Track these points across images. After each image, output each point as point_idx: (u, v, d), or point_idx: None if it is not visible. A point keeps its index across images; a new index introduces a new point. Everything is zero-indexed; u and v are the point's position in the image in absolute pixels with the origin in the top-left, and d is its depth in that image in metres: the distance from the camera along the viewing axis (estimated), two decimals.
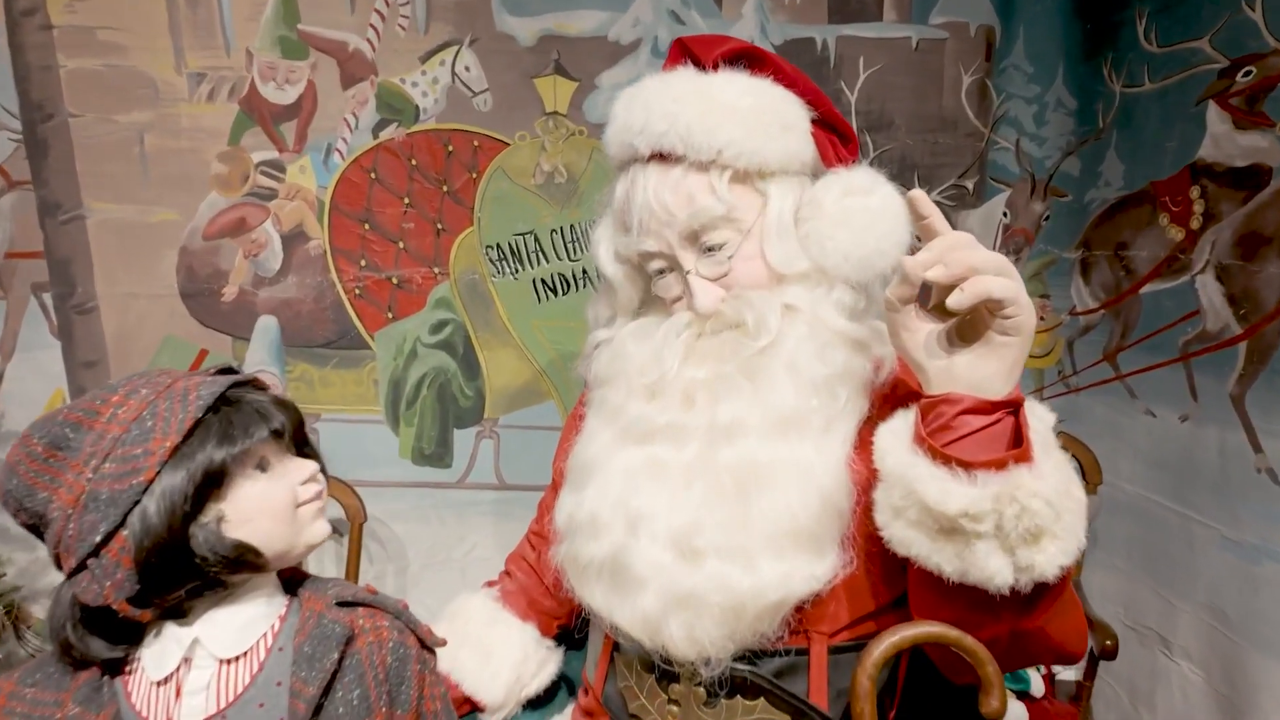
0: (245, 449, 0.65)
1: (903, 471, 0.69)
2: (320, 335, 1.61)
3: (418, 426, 1.66)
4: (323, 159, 1.56)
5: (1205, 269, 1.38)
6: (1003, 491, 0.64)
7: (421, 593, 1.72)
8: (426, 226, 1.61)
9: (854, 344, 0.82)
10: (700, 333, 0.86)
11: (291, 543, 0.70)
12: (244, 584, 0.69)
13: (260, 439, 0.66)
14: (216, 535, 0.64)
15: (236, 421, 0.65)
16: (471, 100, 1.58)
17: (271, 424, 0.67)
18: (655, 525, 0.78)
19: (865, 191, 0.81)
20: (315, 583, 0.75)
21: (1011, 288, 0.65)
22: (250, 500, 0.66)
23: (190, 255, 1.55)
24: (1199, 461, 1.40)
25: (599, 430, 0.89)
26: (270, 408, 0.68)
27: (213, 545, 0.64)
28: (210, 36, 1.49)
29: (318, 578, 0.77)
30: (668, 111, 0.82)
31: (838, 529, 0.77)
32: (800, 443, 0.78)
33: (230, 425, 0.65)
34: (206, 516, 0.64)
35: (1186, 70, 1.41)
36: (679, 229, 0.84)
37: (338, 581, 0.76)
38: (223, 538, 0.65)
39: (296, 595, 0.74)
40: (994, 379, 0.68)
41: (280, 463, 0.70)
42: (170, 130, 1.50)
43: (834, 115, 0.86)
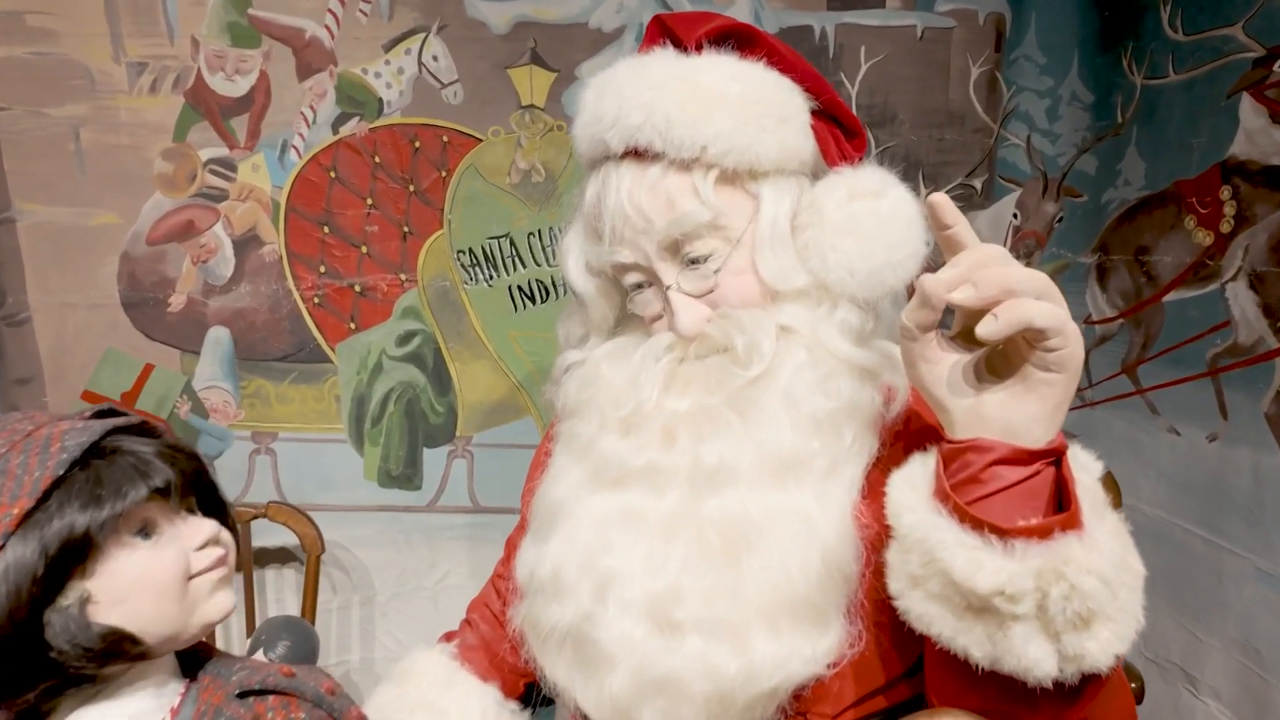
0: (117, 512, 0.53)
1: (923, 534, 0.57)
2: (277, 348, 1.49)
3: (384, 446, 1.54)
4: (278, 156, 1.44)
5: (1237, 276, 1.27)
6: (1047, 567, 0.52)
7: (390, 624, 1.61)
8: (392, 230, 1.48)
9: (861, 372, 0.70)
10: (683, 357, 0.75)
11: (182, 623, 0.57)
12: (123, 674, 0.57)
13: (137, 500, 0.54)
14: (79, 622, 0.52)
15: (108, 479, 0.53)
16: (440, 92, 1.46)
17: (152, 481, 0.55)
18: (628, 591, 0.66)
19: (874, 194, 0.69)
20: (219, 664, 0.63)
21: (1056, 314, 0.53)
22: (126, 575, 0.54)
23: (133, 261, 1.43)
24: (1230, 485, 1.29)
25: (567, 469, 0.78)
26: (153, 460, 0.56)
27: (73, 635, 0.52)
28: (151, 22, 1.36)
29: (224, 656, 0.65)
30: (643, 101, 0.71)
31: (843, 596, 0.65)
32: (799, 491, 0.66)
33: (99, 484, 0.53)
34: (67, 599, 0.52)
35: (1217, 60, 1.29)
36: (657, 238, 0.72)
37: (246, 663, 0.64)
38: (87, 625, 0.52)
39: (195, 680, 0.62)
40: (1032, 423, 0.56)
41: (170, 525, 0.58)
42: (108, 125, 1.38)
43: (837, 105, 0.74)
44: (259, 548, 1.51)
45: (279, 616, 1.34)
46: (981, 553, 0.54)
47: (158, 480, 0.55)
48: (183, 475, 0.58)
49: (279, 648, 1.26)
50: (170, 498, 0.57)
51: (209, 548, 0.59)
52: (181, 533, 0.58)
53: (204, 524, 0.60)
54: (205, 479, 0.62)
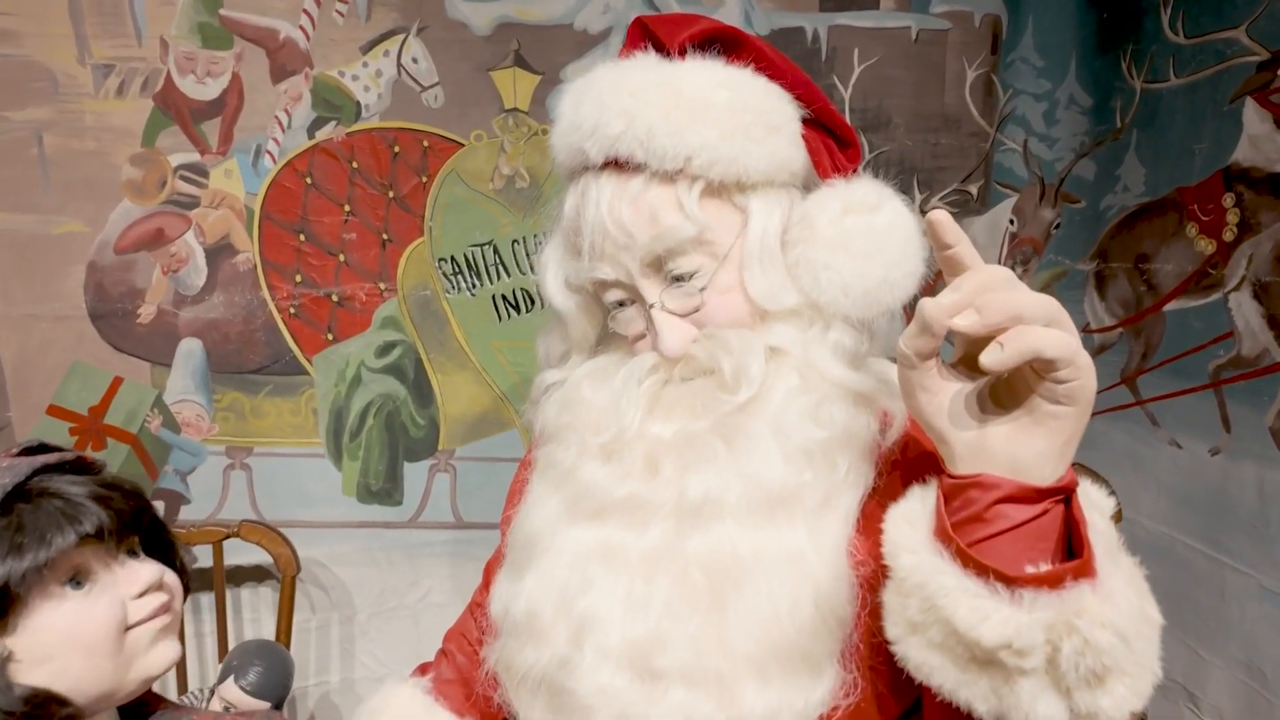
0: (41, 562, 0.48)
1: (923, 578, 0.52)
2: (251, 360, 1.44)
3: (363, 460, 1.49)
4: (251, 162, 1.39)
5: (1241, 286, 1.23)
6: (1058, 619, 0.48)
7: (370, 644, 1.56)
8: (370, 237, 1.44)
9: (855, 397, 0.66)
10: (667, 379, 0.70)
11: (118, 680, 0.53)
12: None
13: (64, 548, 0.49)
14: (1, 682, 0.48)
15: (31, 525, 0.49)
16: (420, 96, 1.41)
17: (81, 526, 0.50)
18: (606, 636, 0.62)
19: (870, 209, 0.65)
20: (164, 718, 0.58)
21: (1067, 343, 0.49)
22: (53, 630, 0.50)
23: (100, 271, 1.38)
24: (1233, 501, 1.25)
25: (544, 498, 0.73)
26: (84, 503, 0.51)
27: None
28: (118, 23, 1.31)
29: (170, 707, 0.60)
30: (624, 109, 0.66)
31: (837, 642, 0.61)
32: (790, 528, 0.62)
33: (20, 531, 0.48)
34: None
35: (1220, 64, 1.26)
36: (640, 254, 0.68)
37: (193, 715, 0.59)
38: (9, 686, 0.48)
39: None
40: (1041, 459, 0.52)
41: (105, 572, 0.53)
42: (73, 129, 1.32)
43: (830, 114, 0.70)
44: (234, 565, 1.46)
45: (251, 641, 1.29)
46: (986, 601, 0.50)
47: (88, 525, 0.51)
48: (119, 516, 0.54)
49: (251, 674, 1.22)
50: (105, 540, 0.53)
51: (150, 594, 0.55)
52: (118, 579, 0.54)
53: (144, 569, 0.55)
54: (148, 517, 0.57)
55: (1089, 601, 0.48)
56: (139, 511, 0.56)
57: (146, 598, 0.54)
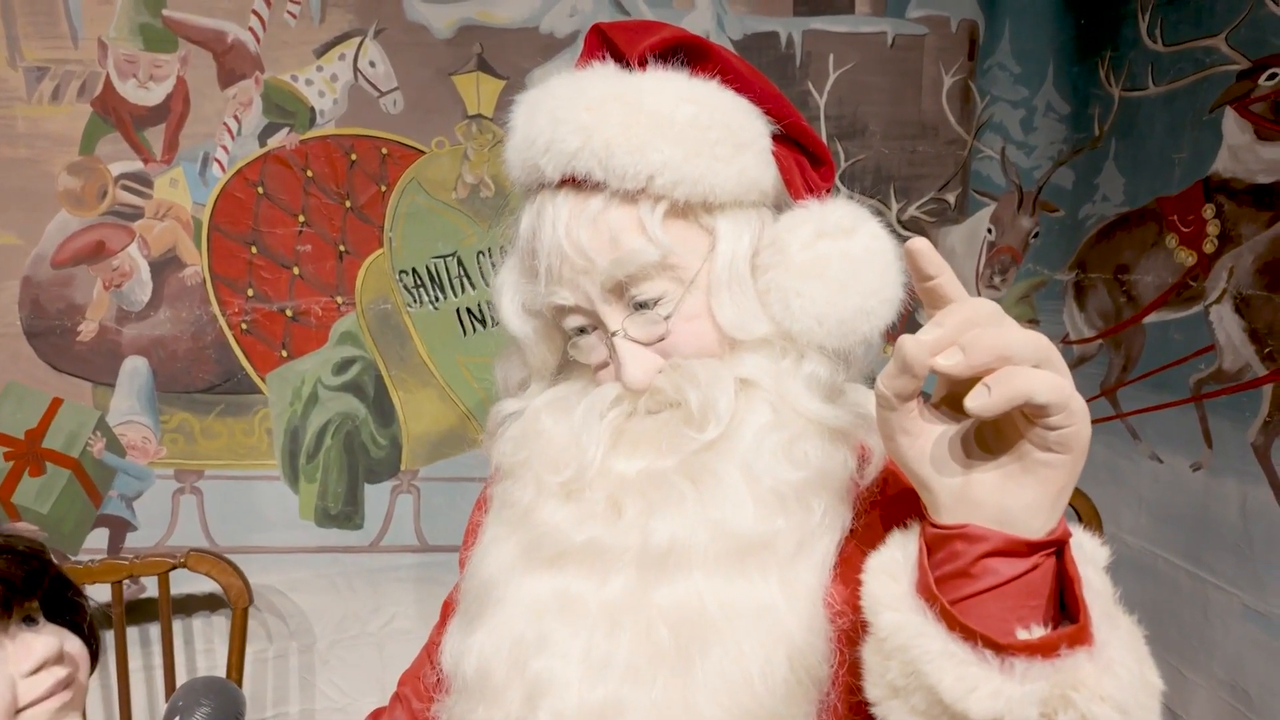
0: None
1: (905, 640, 0.48)
2: (201, 378, 1.37)
3: (321, 482, 1.42)
4: (198, 171, 1.32)
5: (1222, 299, 1.21)
6: (1053, 693, 0.44)
7: (332, 673, 1.49)
8: (327, 249, 1.37)
9: (832, 433, 0.62)
10: (631, 411, 0.66)
11: None
12: None
13: None
14: None
15: None
16: (378, 101, 1.35)
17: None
18: (563, 700, 0.57)
19: (844, 233, 0.60)
20: None
21: (1060, 387, 0.45)
22: None
23: (36, 286, 1.30)
24: (1215, 518, 1.23)
25: (499, 540, 0.68)
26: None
27: None
28: (51, 23, 1.24)
29: None
30: (580, 123, 0.61)
31: (813, 703, 0.56)
32: (762, 580, 0.57)
33: None
34: None
35: (1199, 72, 1.23)
36: (600, 279, 0.63)
37: None
38: None
39: None
40: (1031, 511, 0.48)
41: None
42: (4, 136, 1.25)
43: (802, 129, 0.65)
44: (186, 594, 1.39)
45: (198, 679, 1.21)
46: (974, 669, 0.45)
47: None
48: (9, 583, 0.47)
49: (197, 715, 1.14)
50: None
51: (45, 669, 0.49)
52: (7, 655, 0.48)
53: (38, 641, 0.49)
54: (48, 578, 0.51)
55: (1086, 672, 0.44)
56: (33, 575, 0.50)
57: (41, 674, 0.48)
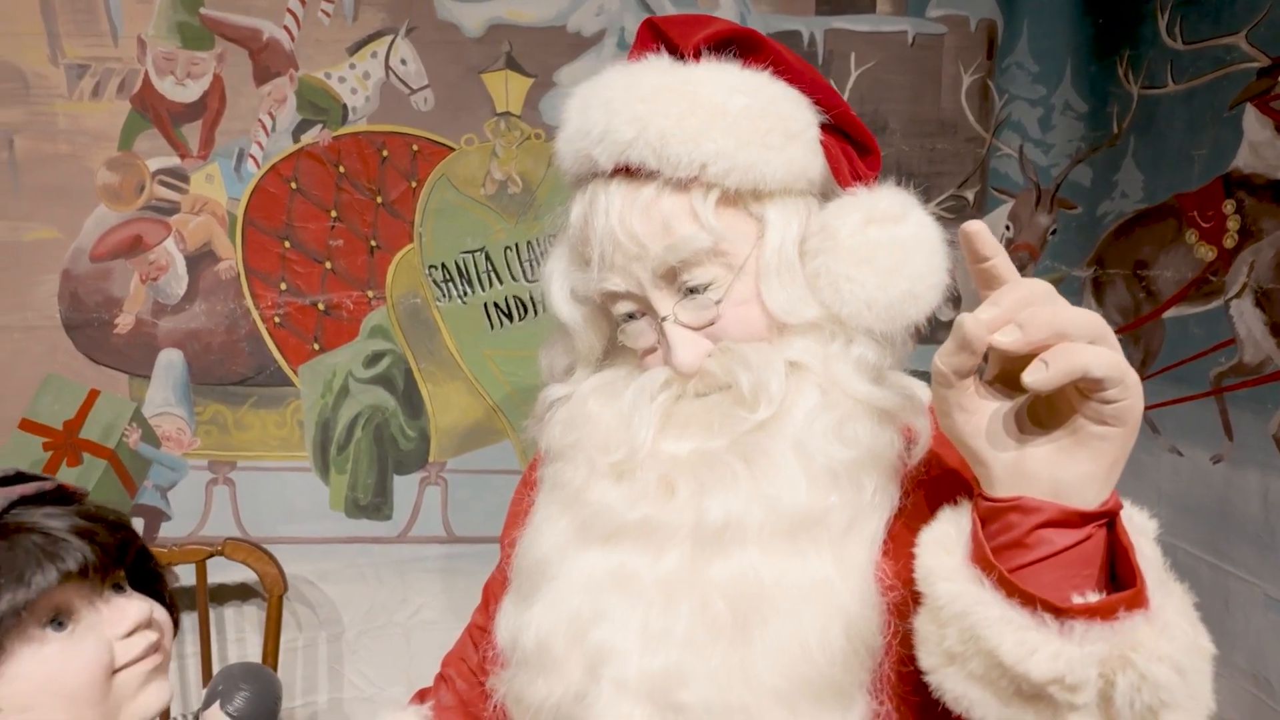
0: (19, 605, 0.44)
1: (962, 608, 0.50)
2: (235, 371, 1.39)
3: (351, 474, 1.44)
4: (234, 166, 1.34)
5: (1242, 293, 1.23)
6: (1112, 653, 0.46)
7: (360, 663, 1.51)
8: (358, 244, 1.39)
9: (880, 415, 0.64)
10: (680, 394, 0.68)
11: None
12: None
13: (44, 587, 0.45)
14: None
15: (7, 564, 0.45)
16: (409, 98, 1.37)
17: (64, 563, 0.46)
18: (624, 668, 0.59)
19: (894, 219, 0.63)
20: None
21: (1115, 362, 0.47)
22: (33, 677, 0.46)
23: (75, 280, 1.32)
24: (1236, 509, 1.25)
25: (552, 520, 0.70)
26: (66, 538, 0.47)
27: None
28: (93, 21, 1.26)
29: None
30: (635, 114, 0.63)
31: (867, 672, 0.58)
32: (815, 554, 0.59)
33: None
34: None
35: (1219, 70, 1.25)
36: (652, 265, 0.65)
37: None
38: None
39: None
40: (1085, 482, 0.50)
41: (90, 612, 0.49)
42: (46, 132, 1.27)
43: (850, 119, 0.68)
44: (217, 584, 1.41)
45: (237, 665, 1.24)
46: (1033, 633, 0.47)
47: (70, 562, 0.47)
48: (103, 551, 0.50)
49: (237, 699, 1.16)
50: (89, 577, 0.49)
51: (138, 633, 0.51)
52: (103, 619, 0.50)
53: (131, 606, 0.51)
54: (134, 548, 0.53)
55: (1144, 634, 0.46)
56: (124, 544, 0.52)
57: (134, 637, 0.50)
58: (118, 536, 0.51)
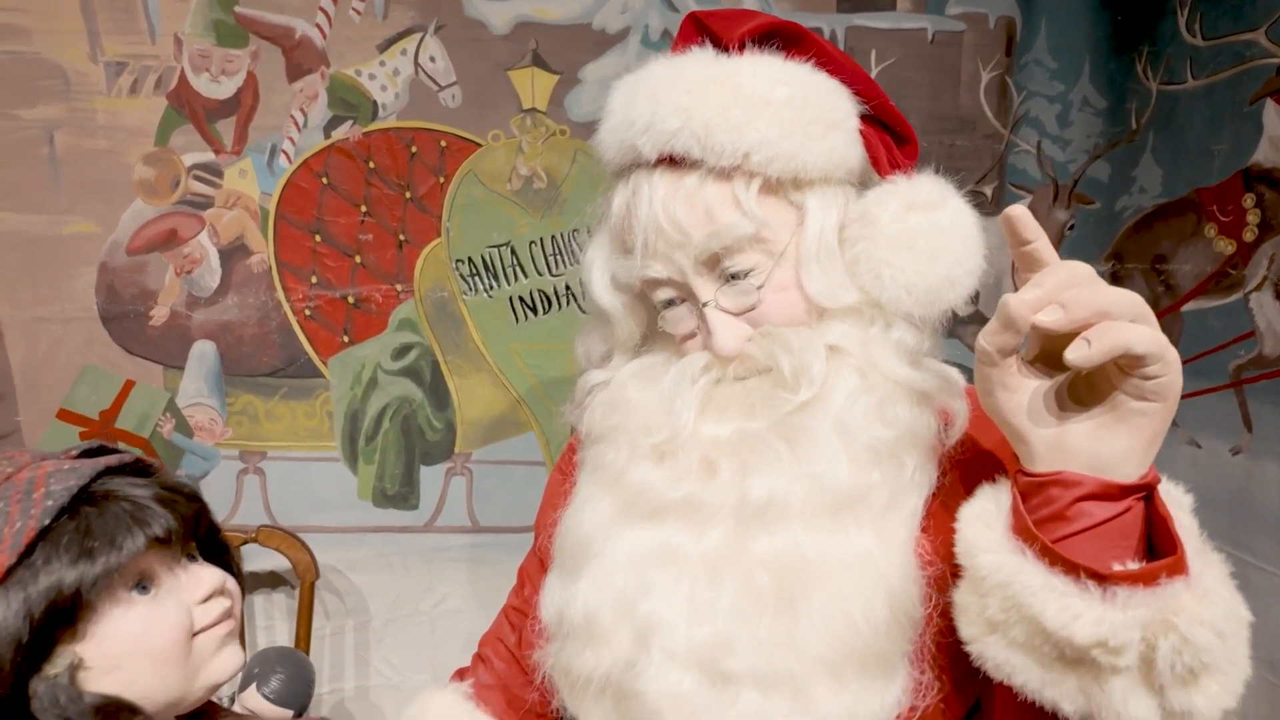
0: (112, 567, 0.47)
1: (1005, 577, 0.52)
2: (266, 362, 1.42)
3: (379, 464, 1.47)
4: (266, 162, 1.37)
5: (1262, 286, 1.24)
6: (1155, 618, 0.47)
7: (386, 650, 1.53)
8: (387, 238, 1.42)
9: (919, 397, 0.65)
10: (719, 378, 0.70)
11: (185, 687, 0.51)
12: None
13: (134, 552, 0.48)
14: (70, 693, 0.46)
15: (99, 529, 0.47)
16: (438, 95, 1.39)
17: (150, 529, 0.49)
18: (672, 638, 0.61)
19: (932, 206, 0.64)
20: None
21: (1156, 338, 0.49)
22: (122, 637, 0.48)
23: (111, 272, 1.35)
24: (1256, 500, 1.26)
25: (594, 499, 0.72)
26: (151, 505, 0.50)
27: (63, 708, 0.45)
28: (131, 19, 1.29)
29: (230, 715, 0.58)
30: (680, 105, 0.65)
31: (909, 643, 0.60)
32: (858, 530, 0.61)
33: (90, 535, 0.47)
34: (55, 665, 0.46)
35: (1239, 65, 1.27)
36: (694, 252, 0.67)
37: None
38: (79, 695, 0.46)
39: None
40: (1125, 457, 0.52)
41: (170, 577, 0.52)
42: (85, 128, 1.30)
43: (888, 109, 0.70)
44: (247, 572, 1.43)
45: (272, 649, 1.27)
46: (1076, 600, 0.49)
47: (157, 528, 0.49)
48: (182, 520, 0.52)
49: (273, 681, 1.19)
50: (171, 544, 0.51)
51: (214, 600, 0.53)
52: (182, 584, 0.52)
53: (207, 573, 0.53)
54: (205, 521, 0.56)
55: (1185, 599, 0.48)
56: (199, 515, 0.54)
57: (210, 603, 0.52)
58: (194, 507, 0.53)
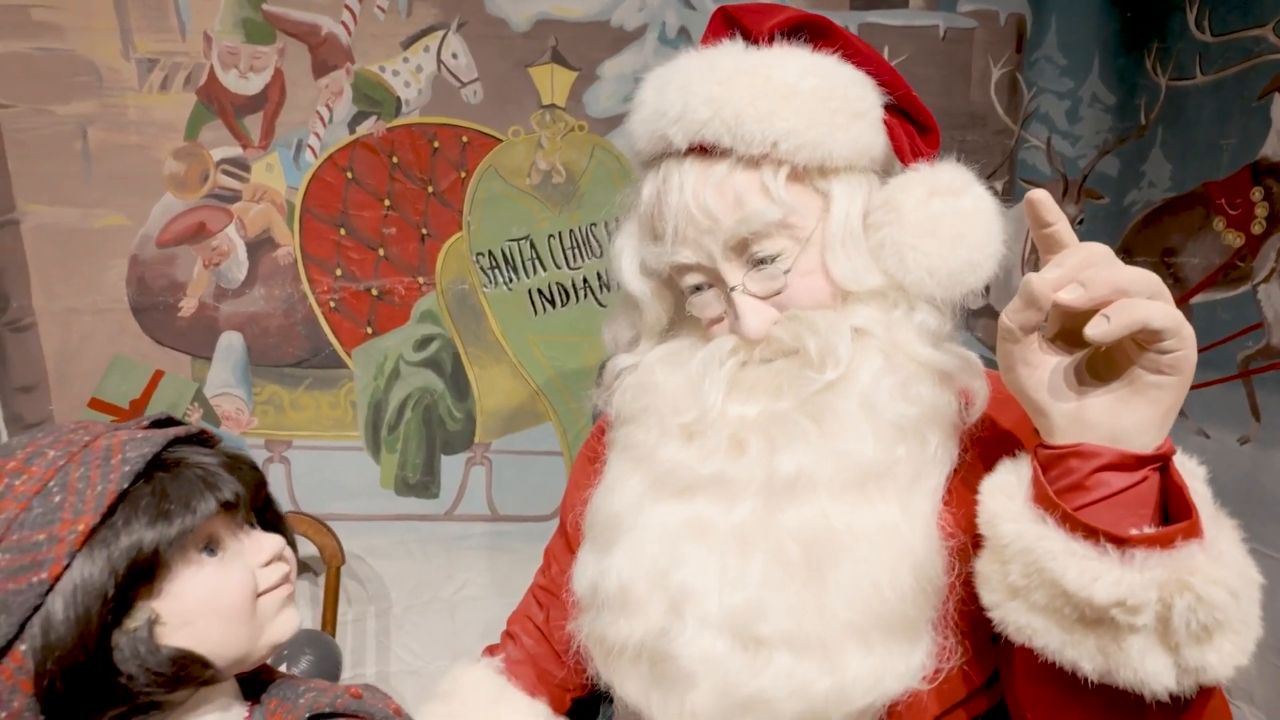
0: (187, 529, 0.50)
1: (1027, 544, 0.54)
2: (291, 353, 1.45)
3: (401, 453, 1.50)
4: (293, 156, 1.40)
5: (1270, 278, 1.27)
6: (1171, 578, 0.50)
7: (406, 636, 1.56)
8: (410, 231, 1.45)
9: (940, 376, 0.68)
10: (746, 360, 0.72)
11: (250, 644, 0.54)
12: (187, 700, 0.53)
13: (206, 515, 0.51)
14: (148, 645, 0.49)
15: (174, 493, 0.50)
16: (460, 91, 1.42)
17: (221, 494, 0.52)
18: (705, 606, 0.63)
19: (955, 192, 0.67)
20: (283, 687, 0.59)
21: (1172, 314, 0.51)
22: (193, 595, 0.51)
23: (142, 265, 1.38)
24: (1263, 489, 1.28)
25: (625, 477, 0.75)
26: (220, 472, 0.53)
27: (143, 659, 0.48)
28: (162, 17, 1.32)
29: (287, 679, 0.61)
30: (711, 96, 0.68)
31: (933, 609, 0.63)
32: (883, 502, 0.64)
33: (165, 498, 0.50)
34: (134, 620, 0.49)
35: (1247, 61, 1.29)
36: (723, 237, 0.69)
37: (310, 684, 0.61)
38: (156, 648, 0.49)
39: (259, 703, 0.58)
40: (1142, 429, 0.54)
41: (234, 541, 0.55)
42: (117, 123, 1.33)
43: (911, 100, 0.72)
44: None
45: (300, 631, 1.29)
46: (1095, 563, 0.52)
47: (226, 493, 0.52)
48: (250, 488, 0.55)
49: (302, 663, 1.22)
50: (237, 510, 0.54)
51: (274, 564, 0.56)
52: (245, 548, 0.55)
53: (268, 539, 0.56)
54: (264, 491, 0.59)
55: (1199, 561, 0.50)
56: (259, 485, 0.57)
57: (271, 567, 0.55)
58: (255, 477, 0.56)
